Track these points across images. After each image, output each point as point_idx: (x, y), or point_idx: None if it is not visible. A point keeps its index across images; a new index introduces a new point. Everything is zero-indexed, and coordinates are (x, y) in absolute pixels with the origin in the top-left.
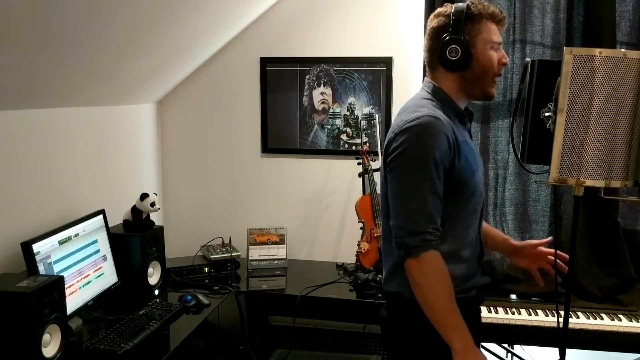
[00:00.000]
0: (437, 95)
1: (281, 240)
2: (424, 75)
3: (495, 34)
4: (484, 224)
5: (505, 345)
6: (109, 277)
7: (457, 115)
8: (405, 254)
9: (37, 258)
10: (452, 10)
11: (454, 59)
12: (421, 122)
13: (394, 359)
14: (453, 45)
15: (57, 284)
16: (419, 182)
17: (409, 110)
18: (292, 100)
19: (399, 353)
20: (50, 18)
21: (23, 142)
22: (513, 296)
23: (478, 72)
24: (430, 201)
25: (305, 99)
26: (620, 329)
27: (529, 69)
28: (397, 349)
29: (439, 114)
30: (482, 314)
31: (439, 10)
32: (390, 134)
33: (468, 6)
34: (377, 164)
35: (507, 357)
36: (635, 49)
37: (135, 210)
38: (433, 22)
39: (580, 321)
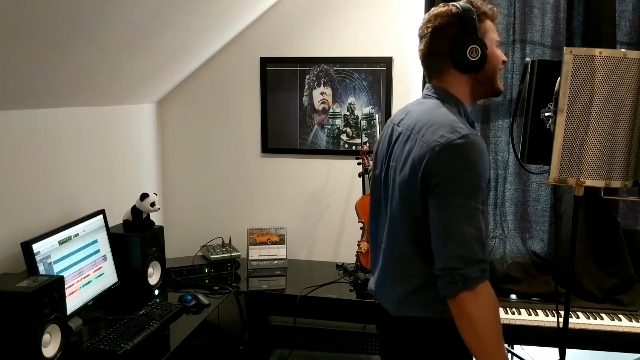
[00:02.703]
0: (452, 103)
1: (281, 240)
2: (424, 75)
3: (495, 32)
4: None
5: (505, 345)
6: (109, 277)
7: (469, 123)
8: (464, 286)
9: (37, 258)
10: (462, 10)
11: (474, 59)
12: (469, 141)
13: None
14: (473, 46)
15: (57, 284)
16: (474, 206)
17: (441, 124)
18: (292, 100)
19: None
20: (50, 18)
21: (23, 142)
22: (513, 296)
23: (489, 71)
24: (483, 226)
25: (305, 99)
26: (620, 329)
27: (529, 69)
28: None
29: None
30: None
31: (438, 10)
32: (429, 151)
33: (472, 5)
34: None
35: None
36: (635, 49)
37: (135, 210)
38: (436, 22)
39: (580, 321)
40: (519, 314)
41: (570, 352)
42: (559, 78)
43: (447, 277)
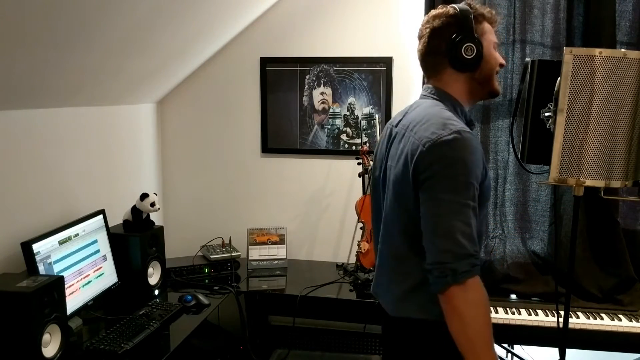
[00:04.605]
0: (449, 102)
1: (281, 240)
2: (424, 75)
3: (494, 34)
4: None
5: (505, 345)
6: (109, 277)
7: (467, 123)
8: (453, 280)
9: (37, 258)
10: (459, 11)
11: (469, 57)
12: (460, 137)
13: None
14: (468, 44)
15: (57, 284)
16: (463, 202)
17: (433, 121)
18: (292, 100)
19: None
20: (50, 19)
21: (23, 142)
22: (513, 296)
23: (486, 72)
24: (473, 222)
25: (305, 99)
26: (620, 329)
27: (529, 69)
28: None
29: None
30: None
31: (436, 12)
32: (419, 147)
33: (470, 7)
34: None
35: (507, 357)
36: (635, 49)
37: (135, 210)
38: (434, 22)
39: (580, 321)
40: (519, 314)
41: (570, 352)
42: (559, 78)
43: (437, 272)
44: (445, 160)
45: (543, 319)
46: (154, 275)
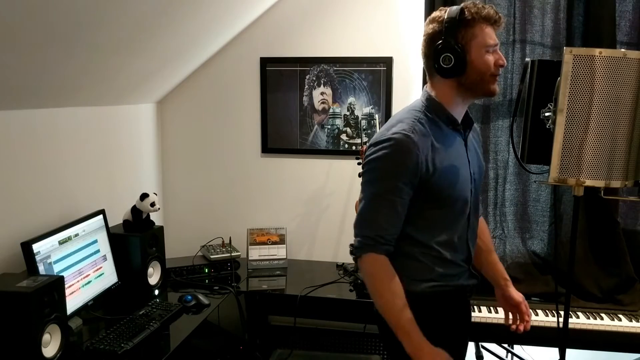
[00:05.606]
0: (431, 105)
1: (281, 240)
2: (424, 75)
3: (490, 37)
4: (494, 257)
5: (505, 345)
6: (109, 277)
7: (450, 123)
8: (351, 252)
9: (37, 258)
10: (446, 18)
11: (447, 67)
12: (393, 137)
13: (390, 352)
14: (446, 54)
15: (57, 284)
16: (376, 193)
17: (391, 123)
18: (292, 100)
19: (392, 346)
20: (50, 18)
21: (23, 142)
22: None
23: (474, 77)
24: (382, 212)
25: (305, 99)
26: (620, 329)
27: (529, 69)
28: (390, 342)
29: (418, 129)
30: (482, 314)
31: (433, 15)
32: (368, 144)
33: (462, 11)
34: None
35: (507, 357)
36: (635, 49)
37: (135, 210)
38: (427, 28)
39: (580, 321)
40: None
41: (570, 352)
42: (559, 78)
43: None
44: (373, 156)
45: (543, 319)
46: (154, 275)
